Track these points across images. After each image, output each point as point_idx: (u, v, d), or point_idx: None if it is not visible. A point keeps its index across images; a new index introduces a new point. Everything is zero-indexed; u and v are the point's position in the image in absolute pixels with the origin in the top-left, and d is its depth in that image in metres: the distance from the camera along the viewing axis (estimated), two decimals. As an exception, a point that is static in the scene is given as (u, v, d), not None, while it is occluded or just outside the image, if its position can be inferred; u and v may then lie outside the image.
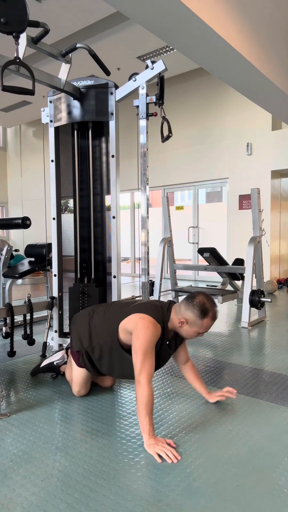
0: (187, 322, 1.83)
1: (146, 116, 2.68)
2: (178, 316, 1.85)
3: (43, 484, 1.43)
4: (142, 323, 1.77)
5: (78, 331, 2.08)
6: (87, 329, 2.04)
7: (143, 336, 1.73)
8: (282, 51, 4.50)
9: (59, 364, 2.48)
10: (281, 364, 2.78)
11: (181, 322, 1.83)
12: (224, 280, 5.27)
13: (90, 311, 2.11)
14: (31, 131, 11.27)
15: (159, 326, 1.79)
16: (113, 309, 2.03)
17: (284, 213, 7.63)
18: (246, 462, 1.56)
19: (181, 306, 1.85)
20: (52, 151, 2.98)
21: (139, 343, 1.72)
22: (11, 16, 1.94)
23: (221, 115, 7.61)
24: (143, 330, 1.74)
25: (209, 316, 1.81)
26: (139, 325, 1.77)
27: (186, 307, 1.82)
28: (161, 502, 1.32)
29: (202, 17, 2.92)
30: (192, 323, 1.82)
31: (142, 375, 1.69)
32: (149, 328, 1.75)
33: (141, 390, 1.67)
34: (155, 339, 1.76)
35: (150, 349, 1.72)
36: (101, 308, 2.09)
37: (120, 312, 1.95)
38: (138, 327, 1.77)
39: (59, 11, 5.52)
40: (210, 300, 1.84)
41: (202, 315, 1.80)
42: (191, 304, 1.81)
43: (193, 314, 1.80)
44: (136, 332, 1.76)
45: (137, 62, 6.98)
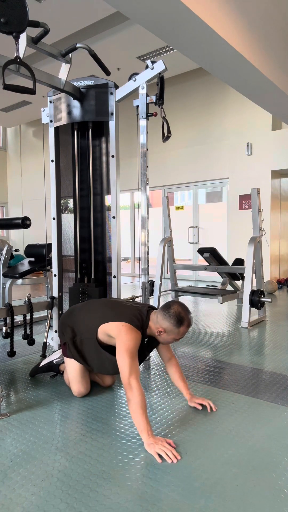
0: (165, 331, 1.94)
1: (146, 116, 2.68)
2: (156, 325, 1.97)
3: (43, 484, 1.43)
4: (125, 331, 1.88)
5: (62, 324, 2.20)
6: (70, 322, 2.16)
7: (128, 341, 1.84)
8: (282, 51, 4.50)
9: (58, 363, 2.48)
10: (281, 364, 2.78)
11: (159, 331, 1.95)
12: (224, 280, 5.27)
13: (76, 308, 2.23)
14: (31, 131, 11.27)
15: (139, 332, 1.92)
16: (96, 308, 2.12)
17: (284, 213, 7.63)
18: (246, 462, 1.56)
19: (158, 315, 1.96)
20: (52, 151, 2.98)
21: (125, 348, 1.82)
22: (11, 16, 1.94)
23: (221, 115, 7.61)
24: (127, 336, 1.86)
25: (184, 325, 1.92)
26: (122, 332, 1.88)
27: (163, 317, 1.93)
28: (161, 502, 1.32)
29: (202, 17, 2.92)
30: (170, 331, 1.94)
31: (132, 377, 1.75)
32: (132, 334, 1.87)
33: (133, 391, 1.71)
34: (138, 343, 1.88)
35: (134, 353, 1.83)
36: (86, 306, 2.19)
37: (103, 314, 2.05)
38: (121, 334, 1.88)
39: (59, 11, 5.52)
40: (185, 308, 1.95)
41: (178, 324, 1.91)
42: (167, 314, 1.92)
43: (170, 323, 1.91)
44: (120, 339, 1.87)
45: (137, 62, 6.98)
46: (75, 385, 2.17)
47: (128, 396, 1.71)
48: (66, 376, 2.32)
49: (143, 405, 1.68)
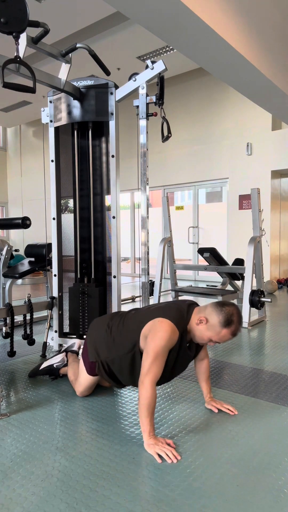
0: (206, 322, 1.76)
1: (146, 116, 2.68)
2: (199, 315, 1.80)
3: (43, 484, 1.43)
4: (160, 326, 1.72)
5: (95, 341, 2.02)
6: (104, 339, 1.98)
7: (159, 339, 1.69)
8: (282, 51, 4.49)
9: (58, 367, 2.47)
10: (281, 364, 2.78)
11: (201, 320, 1.77)
12: (224, 280, 5.27)
13: (108, 321, 2.04)
14: (31, 131, 11.27)
15: (177, 331, 1.74)
16: (131, 317, 1.97)
17: (284, 213, 7.63)
18: (246, 462, 1.56)
19: (208, 307, 1.80)
20: (52, 151, 2.98)
21: (153, 345, 1.69)
22: (11, 16, 1.94)
23: (221, 115, 7.61)
24: (160, 333, 1.70)
25: (230, 328, 1.73)
26: (157, 327, 1.73)
27: (213, 309, 1.77)
28: (161, 502, 1.32)
29: (202, 17, 2.92)
30: (211, 326, 1.75)
31: (148, 377, 1.67)
32: (166, 332, 1.70)
33: (144, 391, 1.66)
34: (169, 345, 1.72)
35: (162, 353, 1.69)
36: (118, 317, 2.03)
37: (139, 319, 1.89)
38: (155, 329, 1.73)
39: (59, 11, 5.52)
40: (239, 316, 1.77)
41: (225, 324, 1.72)
42: (219, 308, 1.75)
43: (217, 318, 1.74)
44: (152, 334, 1.73)
45: (137, 62, 6.98)
46: (82, 390, 2.16)
47: (139, 393, 1.68)
48: (71, 374, 2.31)
49: (149, 406, 1.65)
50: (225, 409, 2.00)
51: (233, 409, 2.00)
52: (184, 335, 1.80)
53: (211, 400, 2.05)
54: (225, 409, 2.00)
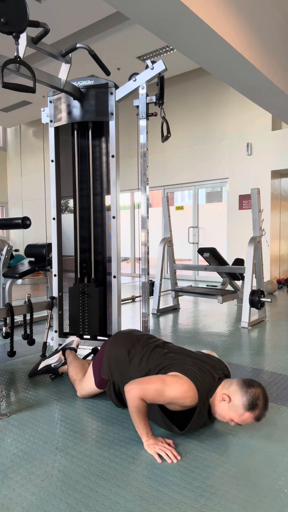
0: (229, 401, 1.64)
1: (146, 116, 2.68)
2: (223, 391, 1.67)
3: (43, 484, 1.43)
4: (183, 383, 1.63)
5: (111, 361, 1.98)
6: (121, 364, 1.94)
7: (173, 388, 1.61)
8: (282, 51, 4.50)
9: (56, 367, 2.48)
10: (281, 364, 2.78)
11: (223, 398, 1.65)
12: (224, 280, 5.27)
13: (130, 346, 1.98)
14: (31, 131, 11.27)
15: (194, 401, 1.64)
16: (154, 357, 1.88)
17: (284, 213, 7.63)
18: (246, 462, 1.56)
19: (233, 384, 1.67)
20: (52, 151, 2.98)
21: (165, 383, 1.62)
22: (11, 16, 1.94)
23: (221, 115, 7.61)
24: (178, 386, 1.62)
25: (253, 413, 1.60)
26: (181, 380, 1.64)
27: (238, 389, 1.63)
28: (161, 502, 1.32)
29: (202, 17, 2.92)
30: (233, 406, 1.63)
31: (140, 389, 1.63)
32: (184, 392, 1.61)
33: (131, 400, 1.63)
34: (180, 402, 1.64)
35: (165, 394, 1.62)
36: (141, 348, 1.95)
37: (164, 366, 1.79)
38: (178, 379, 1.64)
39: (59, 11, 5.52)
40: (265, 399, 1.62)
41: (248, 407, 1.59)
42: (245, 389, 1.62)
43: (241, 399, 1.61)
44: (173, 377, 1.66)
45: (137, 62, 6.98)
46: (84, 394, 2.16)
47: (127, 401, 1.66)
48: (72, 373, 2.30)
49: (141, 411, 1.64)
50: None
51: None
52: (205, 404, 1.69)
53: None
54: None
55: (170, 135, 2.86)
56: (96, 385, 2.06)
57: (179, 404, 1.67)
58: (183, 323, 4.15)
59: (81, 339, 2.95)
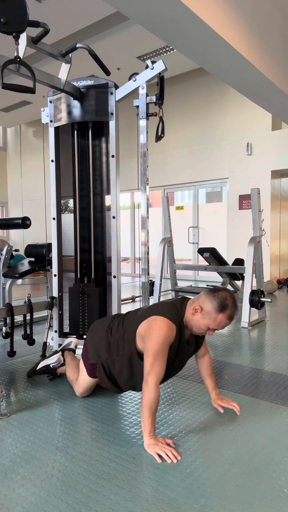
0: (201, 310, 1.73)
1: (146, 116, 2.68)
2: (193, 305, 1.77)
3: (43, 484, 1.43)
4: (156, 324, 1.71)
5: (95, 342, 2.00)
6: (104, 341, 1.96)
7: (156, 337, 1.68)
8: (282, 51, 4.50)
9: (55, 367, 2.47)
10: (281, 364, 2.78)
11: (195, 309, 1.74)
12: (224, 280, 5.27)
13: (108, 322, 2.03)
14: (31, 131, 11.27)
15: (174, 327, 1.72)
16: (129, 318, 1.96)
17: (284, 213, 7.63)
18: (246, 462, 1.56)
19: (201, 295, 1.77)
20: (52, 151, 2.98)
21: (151, 345, 1.67)
22: (11, 16, 1.94)
23: (221, 115, 7.61)
24: (156, 332, 1.69)
25: (225, 313, 1.70)
26: (152, 326, 1.72)
27: (206, 296, 1.74)
28: (161, 502, 1.32)
29: (202, 17, 2.92)
30: (206, 313, 1.72)
31: (151, 377, 1.65)
32: (162, 329, 1.69)
33: (147, 391, 1.65)
34: (168, 342, 1.70)
35: (161, 352, 1.68)
36: (118, 319, 2.02)
37: (135, 319, 1.88)
38: (151, 328, 1.72)
39: (59, 11, 5.52)
40: (233, 299, 1.74)
41: (220, 309, 1.70)
42: (212, 295, 1.73)
43: (211, 304, 1.71)
44: (148, 333, 1.71)
45: (137, 62, 6.98)
46: (82, 391, 2.16)
47: (143, 392, 1.67)
48: (69, 374, 2.30)
49: (152, 407, 1.65)
50: (232, 406, 1.98)
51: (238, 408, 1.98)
52: (182, 329, 1.78)
53: (217, 398, 2.03)
54: (232, 406, 1.98)
55: (163, 135, 2.86)
56: (88, 374, 2.05)
57: (171, 343, 1.73)
58: (183, 323, 4.14)
59: (81, 339, 2.95)
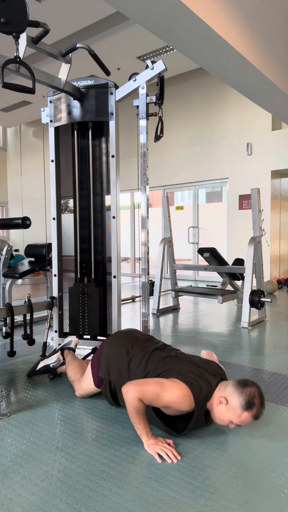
0: (226, 403, 1.64)
1: (146, 116, 2.68)
2: (220, 394, 1.68)
3: (43, 484, 1.43)
4: (180, 389, 1.64)
5: (109, 360, 1.98)
6: (119, 365, 1.94)
7: (170, 392, 1.63)
8: (282, 51, 4.50)
9: (55, 367, 2.47)
10: (281, 364, 2.78)
11: (221, 401, 1.66)
12: (224, 280, 5.27)
13: (128, 346, 1.97)
14: (31, 131, 11.26)
15: (190, 407, 1.66)
16: (155, 360, 1.88)
17: (284, 213, 7.63)
18: (246, 462, 1.56)
19: (228, 386, 1.69)
20: (52, 151, 2.98)
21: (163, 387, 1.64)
22: (11, 16, 1.94)
23: (221, 115, 7.61)
24: (174, 391, 1.63)
25: (251, 412, 1.61)
26: (178, 386, 1.65)
27: (234, 390, 1.65)
28: (161, 502, 1.32)
29: (202, 17, 2.92)
30: (231, 408, 1.63)
31: (138, 391, 1.63)
32: (180, 397, 1.63)
33: (129, 401, 1.63)
34: (176, 406, 1.65)
35: (162, 398, 1.63)
36: (141, 351, 1.94)
37: (163, 370, 1.80)
38: (175, 385, 1.66)
39: (59, 11, 5.52)
40: (261, 397, 1.64)
41: (246, 406, 1.60)
42: (240, 389, 1.63)
43: (238, 400, 1.62)
44: (170, 381, 1.67)
45: (137, 62, 6.98)
46: (83, 394, 2.16)
47: (125, 402, 1.66)
48: (70, 373, 2.30)
49: (139, 411, 1.64)
50: None
51: None
52: (201, 411, 1.71)
53: None
54: None
55: (162, 135, 2.86)
56: (95, 384, 2.06)
57: (175, 409, 1.68)
58: (183, 323, 4.15)
59: (81, 339, 2.95)
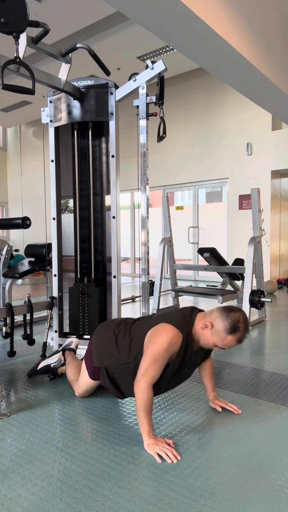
0: (211, 327, 1.72)
1: (146, 116, 2.68)
2: (205, 319, 1.76)
3: (43, 484, 1.43)
4: (162, 330, 1.71)
5: (100, 346, 1.99)
6: (109, 346, 1.95)
7: (159, 342, 1.68)
8: (282, 51, 4.50)
9: (56, 367, 2.47)
10: (281, 364, 2.78)
11: (206, 325, 1.73)
12: (224, 280, 5.27)
13: (114, 327, 2.01)
14: (31, 131, 11.27)
15: (180, 336, 1.71)
16: (136, 326, 1.94)
17: (284, 213, 7.63)
18: (246, 462, 1.56)
19: (214, 311, 1.76)
20: (52, 151, 2.98)
21: (153, 348, 1.68)
22: (11, 16, 1.94)
23: (221, 115, 7.61)
24: (161, 337, 1.69)
25: (236, 335, 1.69)
26: (158, 331, 1.72)
27: (219, 315, 1.72)
28: (161, 502, 1.32)
29: (202, 17, 2.92)
30: (216, 331, 1.71)
31: (144, 378, 1.66)
32: (168, 335, 1.68)
33: (140, 393, 1.65)
34: (171, 349, 1.69)
35: (161, 357, 1.67)
36: (126, 326, 1.99)
37: (143, 328, 1.87)
38: (156, 333, 1.72)
39: (59, 11, 5.52)
40: (246, 322, 1.72)
41: (230, 330, 1.68)
42: (225, 315, 1.71)
43: (223, 324, 1.69)
44: (153, 337, 1.71)
45: (137, 62, 6.98)
46: (82, 392, 2.16)
47: (135, 394, 1.67)
48: (69, 374, 2.30)
49: (147, 406, 1.65)
50: (230, 408, 2.00)
51: (236, 408, 2.00)
52: (189, 340, 1.77)
53: (215, 399, 2.04)
54: (230, 408, 2.00)
55: (165, 135, 2.86)
56: (90, 377, 2.04)
57: (174, 352, 1.71)
58: (183, 323, 4.14)
59: (81, 339, 2.95)
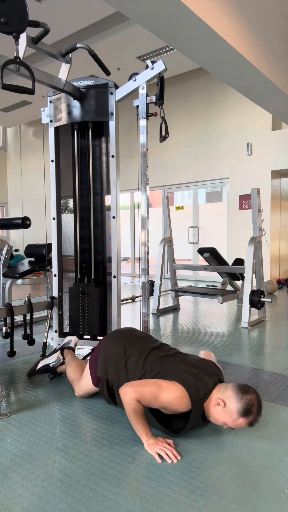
0: (223, 406, 1.65)
1: (146, 116, 2.68)
2: (218, 396, 1.69)
3: (43, 484, 1.43)
4: (176, 393, 1.65)
5: (107, 358, 1.98)
6: (117, 363, 1.94)
7: (168, 395, 1.64)
8: (282, 51, 4.49)
9: (55, 366, 2.48)
10: (281, 364, 2.78)
11: (218, 403, 1.67)
12: (224, 280, 5.27)
13: (126, 345, 1.98)
14: (31, 131, 11.26)
15: (189, 408, 1.67)
16: (150, 360, 1.89)
17: (284, 213, 7.62)
18: (246, 462, 1.56)
19: (228, 389, 1.69)
20: (52, 151, 2.98)
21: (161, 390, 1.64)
22: (11, 16, 1.94)
23: (221, 115, 7.61)
24: (173, 395, 1.64)
25: (247, 418, 1.62)
26: (171, 387, 1.66)
27: (233, 394, 1.65)
28: (161, 502, 1.32)
29: (202, 17, 2.92)
30: (228, 412, 1.64)
31: (135, 393, 1.64)
32: (178, 404, 1.64)
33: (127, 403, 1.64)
34: (173, 408, 1.67)
35: (160, 401, 1.64)
36: (139, 351, 1.94)
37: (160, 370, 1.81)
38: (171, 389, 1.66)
39: (59, 11, 5.52)
40: (259, 406, 1.64)
41: (243, 414, 1.61)
42: (240, 395, 1.64)
43: (236, 405, 1.62)
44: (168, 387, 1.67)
45: (137, 62, 6.98)
46: (82, 394, 2.16)
47: (123, 403, 1.67)
48: (69, 373, 2.30)
49: (137, 411, 1.65)
50: None
51: None
52: (199, 411, 1.71)
53: None
54: None
55: (168, 135, 2.86)
56: (93, 384, 2.05)
57: (172, 410, 1.69)
58: (183, 323, 4.15)
59: (81, 339, 2.95)
